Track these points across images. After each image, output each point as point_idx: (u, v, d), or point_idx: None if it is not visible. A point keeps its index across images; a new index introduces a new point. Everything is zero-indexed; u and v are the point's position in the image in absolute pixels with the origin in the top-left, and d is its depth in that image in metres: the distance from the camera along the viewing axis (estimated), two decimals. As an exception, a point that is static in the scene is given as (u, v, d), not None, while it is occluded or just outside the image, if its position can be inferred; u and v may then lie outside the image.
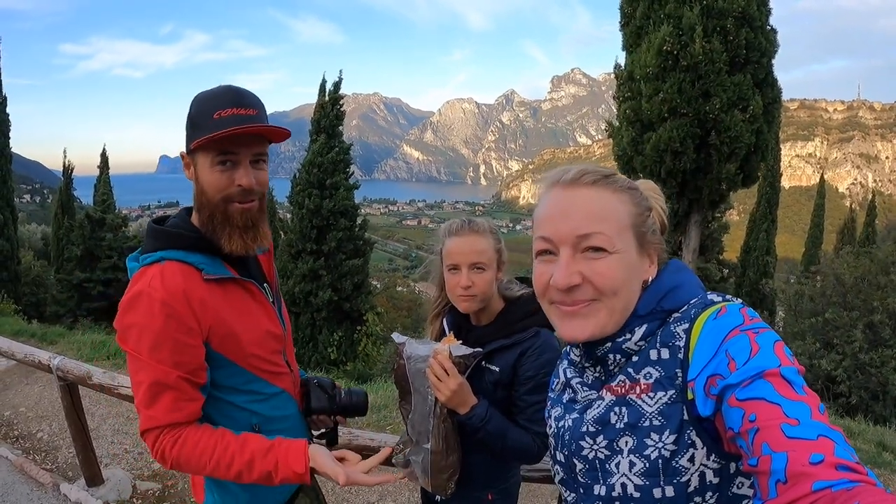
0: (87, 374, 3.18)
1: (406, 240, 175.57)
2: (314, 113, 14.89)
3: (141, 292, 1.27)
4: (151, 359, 1.26)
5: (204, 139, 1.30)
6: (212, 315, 1.33)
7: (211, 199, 1.36)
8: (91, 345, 7.78)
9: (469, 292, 1.63)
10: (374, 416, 5.11)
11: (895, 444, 5.29)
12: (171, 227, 1.42)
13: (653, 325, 0.96)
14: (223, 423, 1.37)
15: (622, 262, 0.94)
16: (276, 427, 1.45)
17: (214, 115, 1.32)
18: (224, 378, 1.38)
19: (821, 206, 35.05)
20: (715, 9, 9.11)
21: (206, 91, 1.40)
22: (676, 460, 0.88)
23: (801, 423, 0.70)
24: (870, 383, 9.07)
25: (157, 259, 1.33)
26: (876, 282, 11.02)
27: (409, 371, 1.65)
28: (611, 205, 0.96)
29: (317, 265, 13.60)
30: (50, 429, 4.92)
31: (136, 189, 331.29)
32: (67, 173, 22.58)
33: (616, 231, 0.95)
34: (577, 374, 1.10)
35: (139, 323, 1.27)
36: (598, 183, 0.97)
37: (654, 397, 0.92)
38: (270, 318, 1.50)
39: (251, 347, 1.41)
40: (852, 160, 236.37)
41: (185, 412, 1.30)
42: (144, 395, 1.28)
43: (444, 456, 1.61)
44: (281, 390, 1.50)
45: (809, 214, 36.94)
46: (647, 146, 10.35)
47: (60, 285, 19.98)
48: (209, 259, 1.38)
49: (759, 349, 0.79)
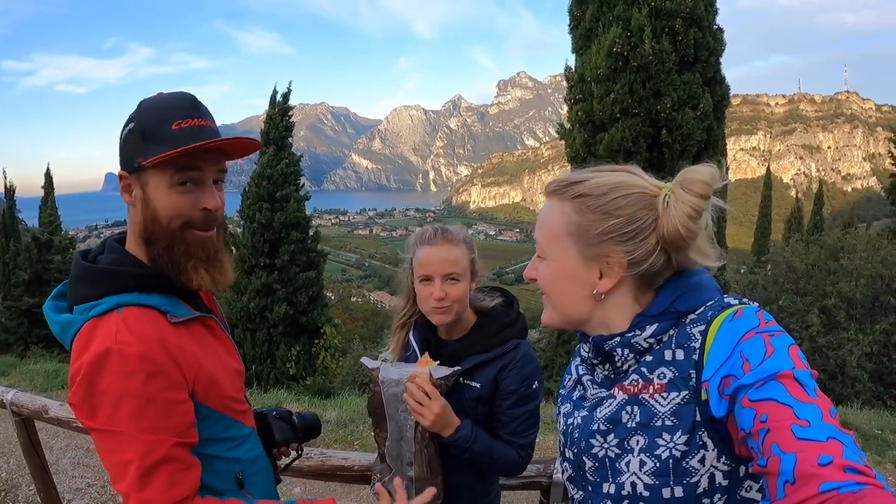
0: (43, 407, 3.04)
1: (358, 249, 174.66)
2: (263, 125, 14.70)
3: (108, 351, 1.04)
4: (136, 430, 1.04)
5: (166, 154, 1.09)
6: (193, 363, 1.15)
7: (167, 225, 1.16)
8: (45, 374, 7.48)
9: (442, 304, 1.56)
10: (342, 431, 5.04)
11: (858, 422, 5.49)
12: (112, 264, 1.18)
13: (664, 325, 0.96)
14: (209, 481, 1.18)
15: (550, 267, 1.05)
16: (253, 469, 1.33)
17: (173, 125, 1.13)
18: (205, 429, 1.18)
19: (768, 198, 36.30)
20: (663, 10, 9.32)
21: (155, 97, 1.20)
22: (687, 461, 0.89)
23: (811, 424, 0.71)
24: (828, 365, 9.39)
25: (110, 307, 1.10)
26: (826, 267, 11.45)
27: (384, 397, 1.57)
28: (549, 214, 1.05)
29: (271, 279, 13.39)
30: (8, 466, 4.68)
31: (83, 209, 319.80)
32: (10, 195, 21.73)
33: (546, 239, 1.04)
34: (588, 372, 1.11)
35: (113, 389, 1.03)
36: (554, 192, 1.05)
37: (668, 397, 0.93)
38: (231, 354, 1.35)
39: (228, 391, 1.25)
40: (795, 151, 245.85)
41: (187, 485, 1.09)
42: (135, 477, 1.03)
43: (429, 480, 1.54)
44: (251, 429, 1.37)
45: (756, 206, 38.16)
46: (599, 147, 10.51)
47: (9, 312, 19.10)
48: (167, 298, 1.18)
49: (773, 351, 0.81)
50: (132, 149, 1.15)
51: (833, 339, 9.74)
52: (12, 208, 21.82)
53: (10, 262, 19.92)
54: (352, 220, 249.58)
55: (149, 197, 1.16)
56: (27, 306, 18.60)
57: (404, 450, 1.57)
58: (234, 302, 13.46)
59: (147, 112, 1.16)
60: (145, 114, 1.16)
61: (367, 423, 4.77)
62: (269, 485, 1.42)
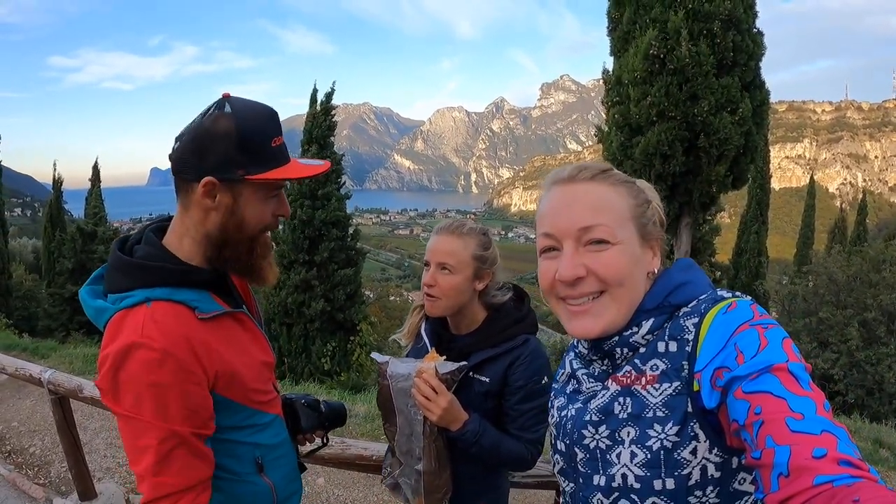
0: (79, 387, 3.16)
1: (398, 249, 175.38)
2: (306, 123, 14.85)
3: (134, 344, 1.08)
4: (157, 419, 1.09)
5: (275, 177, 1.19)
6: (216, 359, 1.19)
7: (251, 233, 1.23)
8: (83, 358, 7.73)
9: (430, 291, 1.58)
10: (369, 425, 5.10)
11: (892, 440, 5.32)
12: (146, 258, 1.21)
13: (660, 320, 0.96)
14: (227, 463, 1.25)
15: (625, 252, 0.96)
16: (274, 454, 1.37)
17: (272, 142, 1.18)
18: (225, 419, 1.23)
19: (811, 207, 35.36)
20: (701, 12, 9.18)
21: (245, 105, 1.20)
22: (678, 452, 0.88)
23: (805, 417, 0.71)
24: (866, 381, 9.13)
25: (140, 300, 1.14)
26: (868, 280, 11.11)
27: (392, 391, 1.59)
28: (610, 197, 0.98)
29: (309, 275, 13.52)
30: (42, 443, 4.88)
31: (127, 202, 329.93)
32: (57, 186, 22.50)
33: (617, 222, 0.96)
34: (584, 367, 1.10)
35: (138, 380, 1.08)
36: (596, 178, 1.00)
37: (660, 388, 0.92)
38: (262, 347, 1.39)
39: (252, 383, 1.29)
40: (841, 160, 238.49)
41: (199, 472, 1.15)
42: (152, 461, 1.09)
43: (438, 475, 1.57)
44: (275, 416, 1.41)
45: (800, 215, 37.18)
46: (636, 150, 10.40)
47: (52, 299, 19.84)
48: (198, 294, 1.21)
49: (767, 344, 0.80)
50: (231, 157, 1.16)
51: (872, 353, 9.46)
52: (59, 199, 22.59)
53: (55, 250, 20.66)
54: (393, 220, 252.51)
55: (239, 206, 1.20)
56: (70, 294, 19.27)
57: (415, 445, 1.59)
58: (273, 297, 13.63)
59: (244, 122, 1.16)
60: (244, 124, 1.16)
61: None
62: (290, 470, 1.45)
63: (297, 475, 1.49)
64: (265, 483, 1.32)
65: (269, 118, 1.20)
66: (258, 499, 1.32)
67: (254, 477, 1.30)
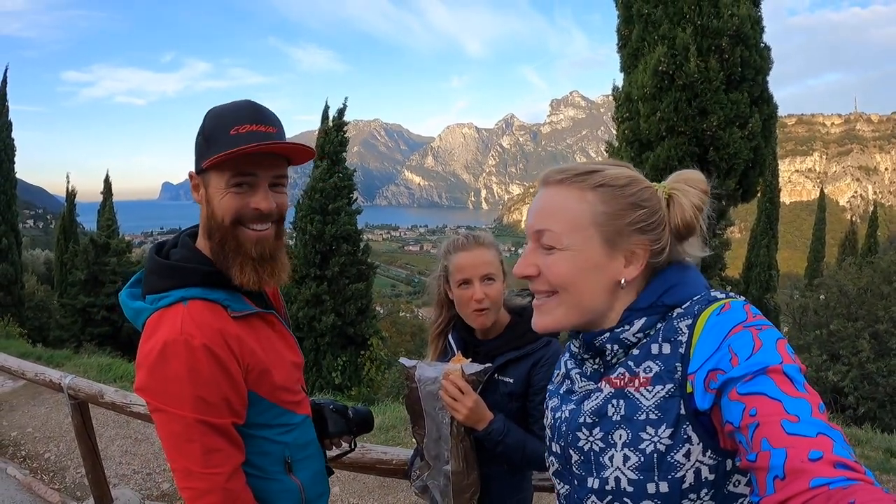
0: (100, 392, 3.23)
1: (409, 265, 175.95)
2: (317, 139, 14.96)
3: (174, 340, 1.14)
4: (199, 413, 1.14)
5: (220, 156, 1.18)
6: (248, 354, 1.24)
7: (221, 222, 1.24)
8: (98, 368, 7.82)
9: (483, 305, 1.63)
10: (383, 435, 5.14)
11: (903, 454, 5.26)
12: (181, 260, 1.28)
13: (652, 319, 0.96)
14: (258, 460, 1.30)
15: (570, 259, 0.97)
16: (303, 455, 1.42)
17: (231, 130, 1.21)
18: (255, 415, 1.28)
19: (822, 220, 35.14)
20: (710, 28, 9.24)
21: (221, 105, 1.28)
22: (672, 455, 0.88)
23: (801, 419, 0.71)
24: (877, 393, 9.02)
25: (176, 300, 1.21)
26: (879, 291, 10.99)
27: (420, 394, 1.64)
28: (567, 203, 0.99)
29: (320, 290, 13.59)
30: (57, 449, 4.94)
31: (139, 215, 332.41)
32: (70, 199, 22.67)
33: (567, 229, 0.97)
34: (577, 366, 1.10)
35: (180, 376, 1.13)
36: (567, 181, 1.00)
37: (653, 391, 0.92)
38: (291, 348, 1.44)
39: (281, 381, 1.33)
40: (851, 173, 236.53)
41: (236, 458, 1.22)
42: (198, 454, 1.14)
43: (466, 475, 1.61)
44: (304, 417, 1.45)
45: (811, 229, 36.94)
46: (646, 165, 10.42)
47: (64, 310, 19.95)
48: (229, 294, 1.27)
49: (761, 345, 0.80)
50: (199, 151, 1.26)
51: (883, 365, 9.35)
52: (72, 212, 22.79)
53: (67, 262, 20.79)
54: (403, 236, 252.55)
55: (210, 196, 1.26)
56: (82, 305, 19.41)
57: (443, 448, 1.64)
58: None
59: (211, 118, 1.26)
60: (210, 120, 1.26)
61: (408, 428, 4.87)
62: (318, 471, 1.49)
63: (324, 477, 1.53)
64: (293, 482, 1.36)
65: (237, 109, 1.25)
66: (287, 496, 1.36)
67: (282, 476, 1.35)
